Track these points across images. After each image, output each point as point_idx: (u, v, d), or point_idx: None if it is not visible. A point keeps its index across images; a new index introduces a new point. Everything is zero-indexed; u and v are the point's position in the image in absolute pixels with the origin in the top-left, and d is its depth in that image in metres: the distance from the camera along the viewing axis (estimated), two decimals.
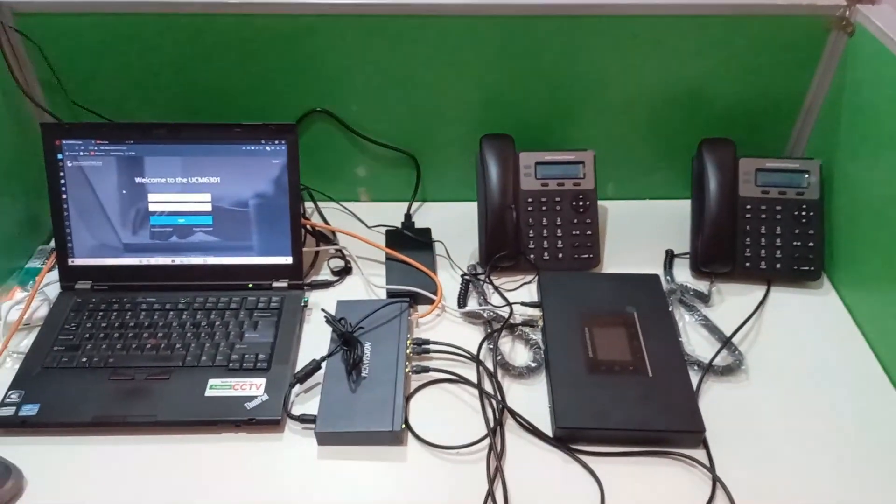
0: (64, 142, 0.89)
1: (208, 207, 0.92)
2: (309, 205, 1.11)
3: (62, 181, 0.90)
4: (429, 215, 1.12)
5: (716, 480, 0.74)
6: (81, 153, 0.90)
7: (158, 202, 0.92)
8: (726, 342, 0.89)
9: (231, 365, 0.84)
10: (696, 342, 0.91)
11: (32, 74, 0.99)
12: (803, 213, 0.97)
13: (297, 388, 0.83)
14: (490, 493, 0.73)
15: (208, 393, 0.81)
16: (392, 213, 1.09)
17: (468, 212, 1.05)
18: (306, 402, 0.83)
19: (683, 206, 1.07)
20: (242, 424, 0.79)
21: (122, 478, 0.75)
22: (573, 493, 0.74)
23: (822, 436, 0.80)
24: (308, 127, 1.05)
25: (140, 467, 0.76)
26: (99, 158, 0.90)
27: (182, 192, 0.92)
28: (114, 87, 1.00)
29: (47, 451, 0.77)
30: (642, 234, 1.08)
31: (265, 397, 0.81)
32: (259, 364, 0.84)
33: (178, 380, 0.83)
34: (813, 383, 0.85)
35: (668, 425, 0.77)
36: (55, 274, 0.94)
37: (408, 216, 1.09)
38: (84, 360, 0.84)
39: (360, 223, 1.08)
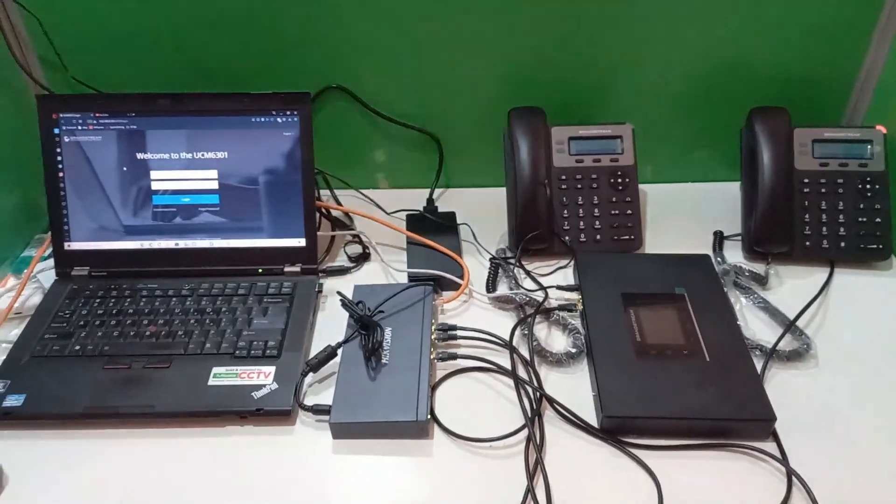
0: (61, 115, 0.83)
1: (215, 185, 0.85)
2: (324, 192, 1.04)
3: (59, 158, 0.84)
4: (452, 201, 1.03)
5: (791, 474, 0.64)
6: (79, 127, 0.83)
7: (161, 180, 0.85)
8: (791, 325, 0.79)
9: (237, 352, 0.76)
10: (756, 326, 0.81)
11: (32, 52, 0.93)
12: (868, 187, 0.88)
13: (311, 377, 0.75)
14: (530, 490, 0.63)
15: (212, 382, 0.73)
16: (413, 201, 1.01)
17: (495, 198, 0.97)
18: (320, 393, 0.74)
19: (730, 189, 0.99)
20: (249, 416, 0.70)
21: (114, 475, 0.66)
22: (626, 490, 0.64)
23: None
24: (323, 106, 0.98)
25: (134, 463, 0.67)
26: (98, 133, 0.84)
27: (187, 169, 0.85)
28: (116, 62, 0.94)
29: (32, 445, 0.69)
30: (686, 217, 0.99)
31: (274, 386, 0.72)
32: (268, 351, 0.76)
33: (179, 368, 0.74)
34: (890, 370, 0.75)
35: (733, 413, 0.67)
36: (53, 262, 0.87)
37: (430, 201, 1.01)
38: (77, 348, 0.77)
39: (379, 210, 1.01)
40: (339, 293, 0.79)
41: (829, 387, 0.74)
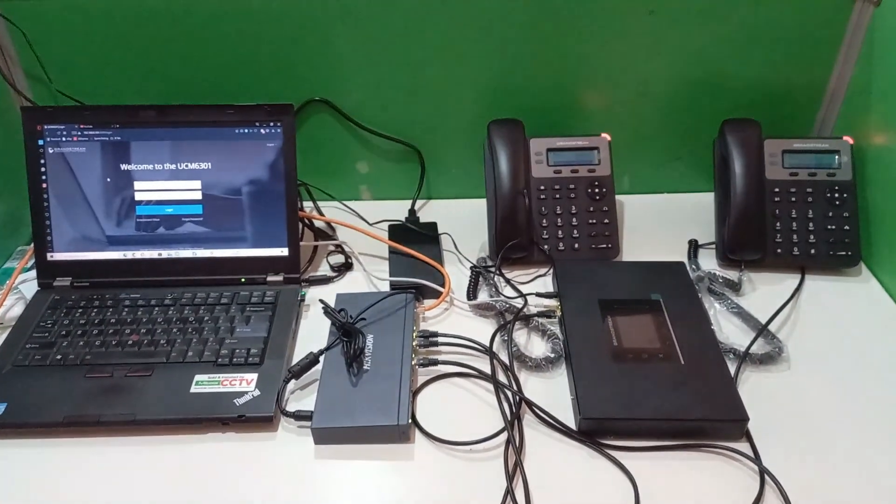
0: (46, 127, 0.84)
1: (198, 195, 0.86)
2: (307, 204, 1.05)
3: (43, 169, 0.84)
4: (434, 212, 1.05)
5: (763, 472, 0.66)
6: (64, 139, 0.84)
7: (145, 190, 0.86)
8: (763, 329, 0.81)
9: (220, 360, 0.77)
10: (729, 330, 0.83)
11: (17, 65, 0.94)
12: (836, 196, 0.91)
13: (293, 384, 0.76)
14: (509, 492, 0.64)
15: (194, 389, 0.73)
16: (395, 212, 1.03)
17: (476, 209, 0.99)
18: (302, 400, 0.75)
19: (704, 199, 1.01)
20: (231, 422, 0.71)
21: (96, 483, 0.66)
22: (603, 490, 0.65)
23: (877, 427, 0.71)
24: (306, 118, 1.00)
25: (116, 471, 0.68)
26: (82, 144, 0.84)
27: (170, 180, 0.86)
28: (101, 74, 0.95)
29: (13, 454, 0.69)
30: (662, 227, 1.01)
31: (256, 393, 0.73)
32: (251, 359, 0.77)
33: (161, 376, 0.75)
34: (860, 373, 0.77)
35: (707, 414, 0.69)
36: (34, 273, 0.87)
37: (412, 211, 1.03)
38: (59, 357, 0.77)
39: (361, 220, 1.02)
40: (321, 301, 0.80)
41: (801, 388, 0.75)
